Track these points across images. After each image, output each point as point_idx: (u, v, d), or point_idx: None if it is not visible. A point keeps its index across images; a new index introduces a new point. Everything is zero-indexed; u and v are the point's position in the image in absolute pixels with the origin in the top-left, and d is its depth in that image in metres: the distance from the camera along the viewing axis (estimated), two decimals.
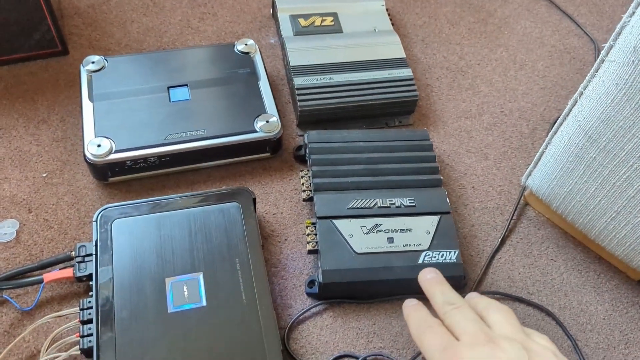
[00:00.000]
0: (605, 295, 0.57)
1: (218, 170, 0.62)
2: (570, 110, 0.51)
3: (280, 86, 0.70)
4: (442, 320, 0.41)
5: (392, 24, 0.74)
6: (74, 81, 0.67)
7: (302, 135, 0.65)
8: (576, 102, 0.50)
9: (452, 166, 0.66)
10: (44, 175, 0.59)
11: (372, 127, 0.67)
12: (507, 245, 0.60)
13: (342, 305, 0.54)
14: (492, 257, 0.59)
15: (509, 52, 0.79)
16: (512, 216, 0.62)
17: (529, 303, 0.56)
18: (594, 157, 0.50)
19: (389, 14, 0.75)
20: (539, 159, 0.57)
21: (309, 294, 0.54)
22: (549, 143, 0.55)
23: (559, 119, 0.53)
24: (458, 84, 0.74)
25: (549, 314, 0.55)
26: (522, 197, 0.63)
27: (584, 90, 0.49)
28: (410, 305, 0.44)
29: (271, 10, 0.77)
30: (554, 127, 0.54)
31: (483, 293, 0.44)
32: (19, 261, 0.53)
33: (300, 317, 0.53)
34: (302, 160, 0.63)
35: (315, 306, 0.53)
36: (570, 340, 0.54)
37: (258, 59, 0.66)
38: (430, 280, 0.45)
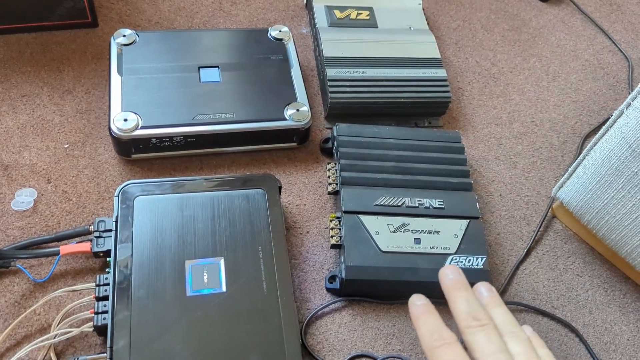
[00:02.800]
0: (630, 315, 0.55)
1: (242, 156, 0.60)
2: (615, 122, 0.49)
3: (309, 77, 0.69)
4: (462, 334, 0.38)
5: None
6: (101, 54, 0.65)
7: (330, 128, 0.64)
8: (622, 113, 0.48)
9: (480, 172, 0.64)
10: (66, 146, 0.58)
11: (401, 125, 0.65)
12: (533, 257, 0.58)
13: (361, 304, 0.52)
14: (517, 267, 0.57)
15: (542, 63, 0.77)
16: (539, 228, 0.60)
17: (553, 317, 0.54)
18: (636, 171, 0.48)
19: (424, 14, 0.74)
20: (574, 171, 0.55)
21: (328, 290, 0.53)
22: (587, 154, 0.53)
23: (601, 130, 0.51)
24: (490, 90, 0.73)
25: (572, 330, 0.54)
26: (550, 209, 0.62)
27: (632, 101, 0.47)
28: (420, 305, 0.40)
29: (305, 0, 0.76)
30: (594, 139, 0.52)
31: (506, 304, 0.42)
32: (35, 231, 0.52)
33: (319, 313, 0.51)
34: (328, 153, 0.62)
35: (334, 302, 0.52)
36: (593, 358, 0.52)
37: (291, 47, 0.65)
38: (454, 282, 0.40)
